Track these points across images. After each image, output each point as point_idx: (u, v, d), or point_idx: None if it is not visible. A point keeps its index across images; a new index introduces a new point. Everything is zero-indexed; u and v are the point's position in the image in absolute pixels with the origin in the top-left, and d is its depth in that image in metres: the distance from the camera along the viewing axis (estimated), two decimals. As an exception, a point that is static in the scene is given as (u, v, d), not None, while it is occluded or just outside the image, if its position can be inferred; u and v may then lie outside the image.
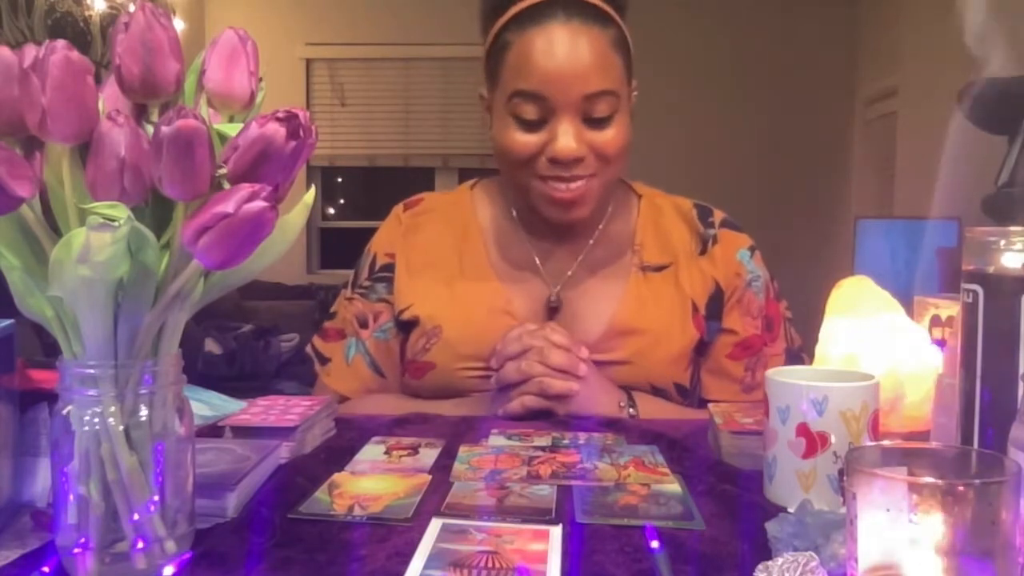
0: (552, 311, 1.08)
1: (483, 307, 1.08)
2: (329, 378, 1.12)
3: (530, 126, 0.99)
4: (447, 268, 1.11)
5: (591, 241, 1.11)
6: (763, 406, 0.70)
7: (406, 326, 1.10)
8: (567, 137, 0.97)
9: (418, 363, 1.08)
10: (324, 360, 1.14)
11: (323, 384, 1.13)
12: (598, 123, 0.98)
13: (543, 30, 0.97)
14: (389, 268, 1.13)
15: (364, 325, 1.12)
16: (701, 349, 1.10)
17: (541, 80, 0.96)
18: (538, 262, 1.11)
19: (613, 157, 1.00)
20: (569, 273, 1.10)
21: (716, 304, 1.10)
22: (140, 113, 0.53)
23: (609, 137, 0.99)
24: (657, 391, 1.06)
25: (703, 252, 1.11)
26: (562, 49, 0.96)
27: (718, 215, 1.15)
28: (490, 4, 1.03)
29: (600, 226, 1.12)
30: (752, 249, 1.13)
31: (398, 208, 1.18)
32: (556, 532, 0.59)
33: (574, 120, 0.97)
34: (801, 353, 1.12)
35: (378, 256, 1.14)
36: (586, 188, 1.00)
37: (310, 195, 0.57)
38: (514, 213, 1.13)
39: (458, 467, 0.75)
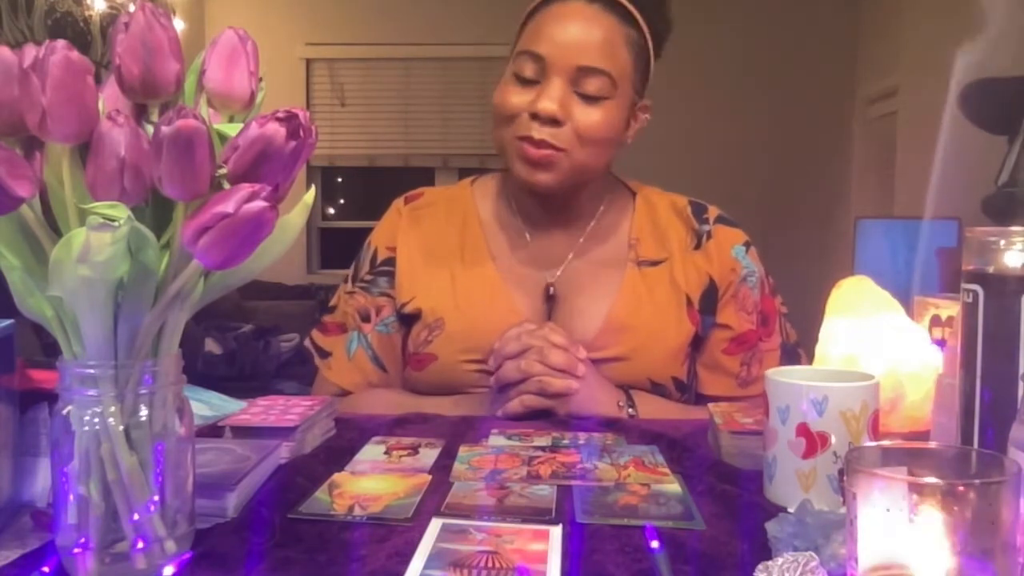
0: (550, 300, 1.09)
1: (485, 299, 1.08)
2: (331, 372, 1.13)
3: (524, 85, 1.02)
4: (448, 261, 1.11)
5: (586, 232, 1.12)
6: (763, 406, 0.70)
7: (408, 319, 1.11)
8: (550, 98, 1.00)
9: (420, 355, 1.08)
10: (324, 354, 1.14)
11: (324, 378, 1.13)
12: (588, 100, 1.01)
13: (564, 6, 1.02)
14: (390, 262, 1.13)
15: (366, 319, 1.12)
16: (697, 343, 1.11)
17: (544, 42, 1.01)
18: (537, 254, 1.12)
19: (589, 139, 1.02)
20: (567, 265, 1.11)
21: (709, 299, 1.10)
22: (140, 113, 0.53)
23: (593, 119, 1.01)
24: (655, 386, 1.06)
25: (697, 247, 1.12)
26: (573, 21, 1.01)
27: (712, 211, 1.15)
28: None
29: (594, 219, 1.13)
30: (747, 245, 1.13)
31: (398, 201, 1.19)
32: (556, 532, 0.59)
33: (563, 85, 1.00)
34: (797, 348, 1.13)
35: (379, 250, 1.15)
36: (554, 157, 1.01)
37: (310, 195, 0.58)
38: (513, 205, 1.14)
39: (458, 467, 0.75)
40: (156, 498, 0.52)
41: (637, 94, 1.06)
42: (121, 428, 0.51)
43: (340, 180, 5.56)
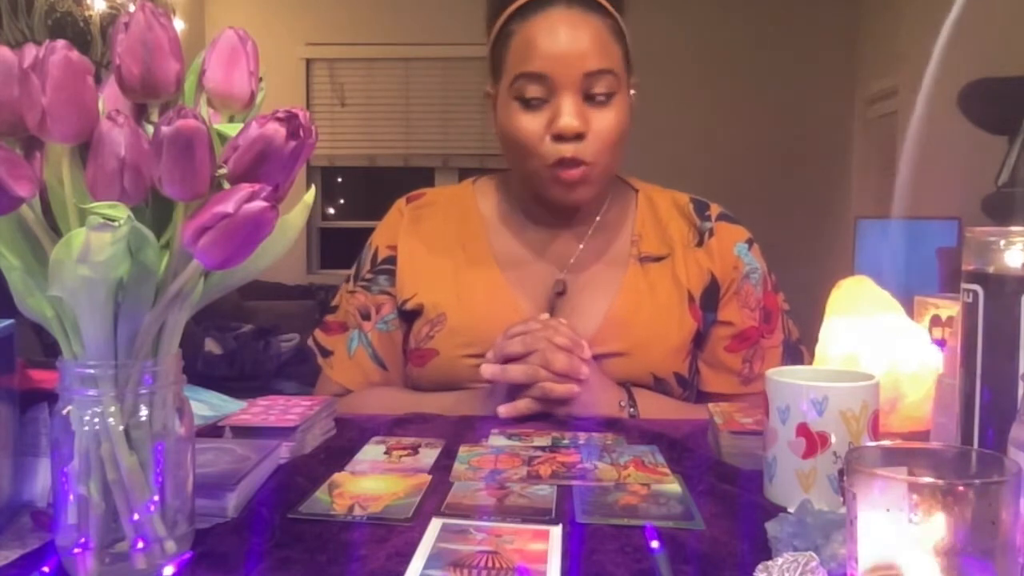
0: (556, 297, 1.09)
1: (486, 295, 1.09)
2: (332, 370, 1.14)
3: (533, 107, 1.01)
4: (450, 257, 1.12)
5: (590, 230, 1.13)
6: (763, 406, 0.70)
7: (410, 316, 1.11)
8: (569, 114, 0.99)
9: (421, 351, 1.08)
10: (326, 353, 1.15)
11: (326, 376, 1.14)
12: (599, 104, 1.01)
13: (545, 16, 1.01)
14: (391, 260, 1.13)
15: (366, 317, 1.13)
16: (699, 340, 1.11)
17: (544, 60, 0.99)
18: (539, 250, 1.12)
19: (610, 142, 1.02)
20: (571, 261, 1.11)
21: (711, 296, 1.11)
22: (140, 113, 0.53)
23: (610, 119, 1.01)
24: (657, 381, 1.06)
25: (700, 244, 1.12)
26: (563, 31, 1.00)
27: (714, 209, 1.16)
28: (495, 2, 1.06)
29: (598, 216, 1.13)
30: (749, 242, 1.14)
31: (400, 201, 1.20)
32: (556, 532, 0.59)
33: (575, 98, 1.00)
34: (799, 345, 1.13)
35: (380, 249, 1.15)
36: (587, 172, 1.02)
37: (310, 195, 0.58)
38: (516, 204, 1.15)
39: (458, 467, 0.75)
40: (156, 498, 0.52)
41: (629, 75, 1.06)
42: (121, 428, 0.51)
43: (340, 180, 5.56)
